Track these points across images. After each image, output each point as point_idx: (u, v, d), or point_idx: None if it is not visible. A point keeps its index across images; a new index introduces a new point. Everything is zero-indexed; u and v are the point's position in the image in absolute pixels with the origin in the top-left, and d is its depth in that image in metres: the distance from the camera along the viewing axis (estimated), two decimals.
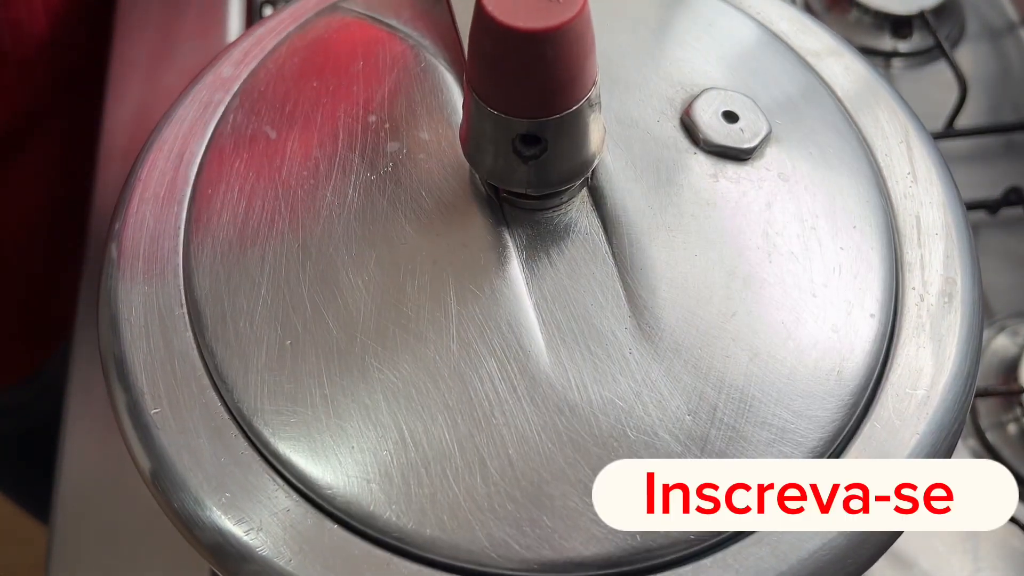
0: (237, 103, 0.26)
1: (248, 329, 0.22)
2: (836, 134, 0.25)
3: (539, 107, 0.19)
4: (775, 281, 0.22)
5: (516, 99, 0.19)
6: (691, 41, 0.26)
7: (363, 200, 0.23)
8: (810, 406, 0.20)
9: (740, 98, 0.24)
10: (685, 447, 0.20)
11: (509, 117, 0.19)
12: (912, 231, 0.24)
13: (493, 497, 0.19)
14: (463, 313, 0.21)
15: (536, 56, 0.18)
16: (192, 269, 0.23)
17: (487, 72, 0.19)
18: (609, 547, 0.19)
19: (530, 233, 0.22)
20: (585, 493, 0.19)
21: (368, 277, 0.22)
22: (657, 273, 0.22)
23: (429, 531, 0.19)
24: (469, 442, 0.20)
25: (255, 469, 0.21)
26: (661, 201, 0.23)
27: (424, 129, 0.24)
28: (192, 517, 0.21)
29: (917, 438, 0.21)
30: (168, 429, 0.21)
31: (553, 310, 0.21)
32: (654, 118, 0.24)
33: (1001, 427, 0.41)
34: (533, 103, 0.19)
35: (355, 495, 0.20)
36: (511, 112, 0.19)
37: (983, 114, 0.50)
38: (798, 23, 0.28)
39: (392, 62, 0.26)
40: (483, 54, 0.18)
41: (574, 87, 0.19)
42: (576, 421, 0.20)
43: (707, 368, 0.21)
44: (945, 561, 0.36)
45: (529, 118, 0.19)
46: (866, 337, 0.22)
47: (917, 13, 0.52)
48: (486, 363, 0.21)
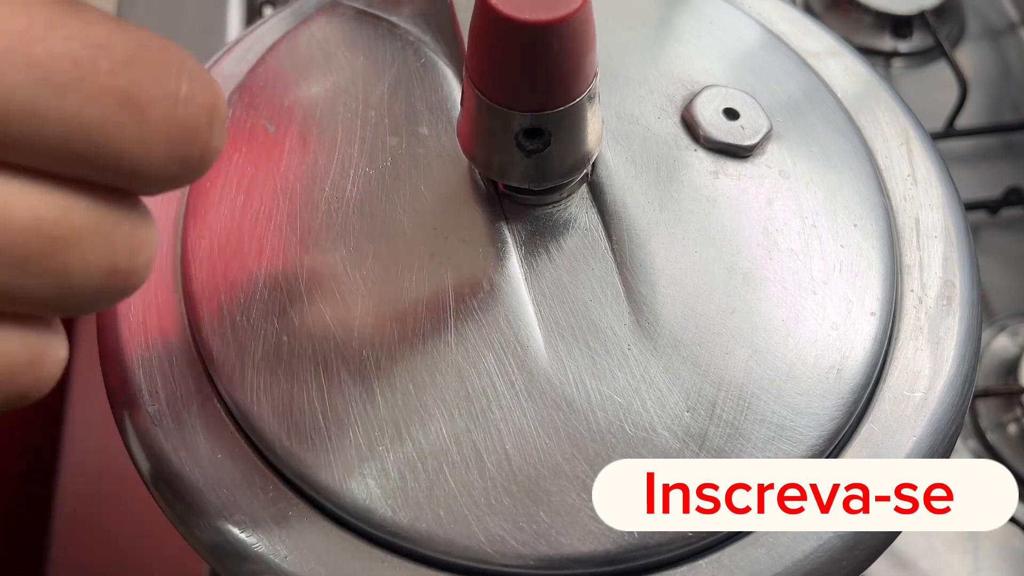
0: (236, 98, 0.25)
1: (245, 324, 0.21)
2: (837, 133, 0.25)
3: (542, 100, 0.19)
4: (775, 278, 0.22)
5: (519, 92, 0.19)
6: (692, 39, 0.26)
7: (361, 194, 0.23)
8: (809, 403, 0.20)
9: (741, 95, 0.24)
10: (683, 444, 0.20)
11: (511, 111, 0.19)
12: (911, 233, 0.24)
13: (490, 492, 0.19)
14: (461, 308, 0.21)
15: (540, 48, 0.17)
16: (190, 263, 0.23)
17: (489, 65, 0.19)
18: (606, 544, 0.19)
19: (529, 228, 0.22)
20: (583, 489, 0.19)
21: (366, 271, 0.22)
22: (656, 269, 0.22)
23: (425, 527, 0.19)
24: (466, 437, 0.20)
25: (252, 465, 0.21)
26: (661, 197, 0.23)
27: (423, 124, 0.24)
28: (189, 515, 0.21)
29: (914, 440, 0.21)
30: (165, 426, 0.21)
31: (552, 306, 0.21)
32: (655, 115, 0.24)
33: (1001, 427, 0.41)
34: (536, 96, 0.19)
35: (351, 491, 0.20)
36: (513, 106, 0.19)
37: (983, 114, 0.50)
38: (798, 23, 0.28)
39: (392, 58, 0.26)
40: (486, 47, 0.18)
41: (577, 79, 0.19)
42: (574, 417, 0.20)
43: (706, 365, 0.21)
44: (945, 561, 0.36)
45: (532, 111, 0.19)
46: (866, 335, 0.21)
47: (917, 13, 0.52)
48: (484, 358, 0.21)
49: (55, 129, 0.13)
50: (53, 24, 0.12)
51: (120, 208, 0.14)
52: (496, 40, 0.18)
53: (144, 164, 0.13)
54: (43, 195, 0.13)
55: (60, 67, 0.12)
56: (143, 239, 0.15)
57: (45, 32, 0.12)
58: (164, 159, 0.14)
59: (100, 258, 0.14)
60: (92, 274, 0.14)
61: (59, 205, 0.13)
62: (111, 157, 0.13)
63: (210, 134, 0.14)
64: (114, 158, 0.13)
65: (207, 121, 0.14)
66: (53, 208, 0.13)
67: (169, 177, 0.14)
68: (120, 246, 0.14)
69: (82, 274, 0.14)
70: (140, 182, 0.14)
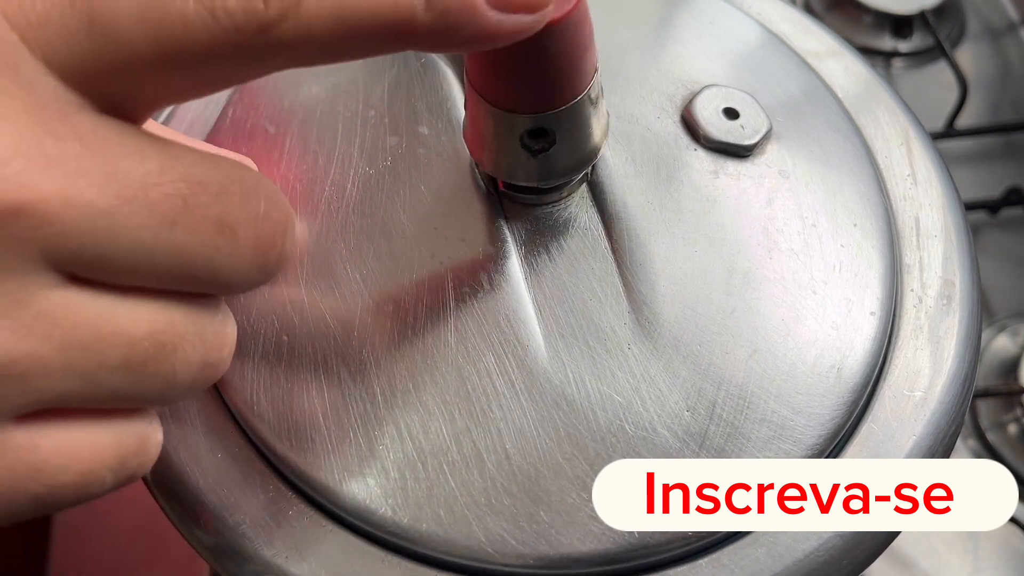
0: (236, 98, 0.25)
1: (245, 323, 0.21)
2: (837, 133, 0.25)
3: (543, 101, 0.19)
4: (775, 278, 0.22)
5: (519, 95, 0.19)
6: (692, 38, 0.26)
7: (361, 194, 0.23)
8: (809, 403, 0.20)
9: (741, 95, 0.24)
10: (683, 443, 0.20)
11: (514, 113, 0.19)
12: (911, 233, 0.24)
13: (490, 492, 0.19)
14: (461, 307, 0.21)
15: (537, 50, 0.17)
16: None
17: (489, 70, 0.19)
18: (606, 543, 0.19)
19: (529, 228, 0.22)
20: (582, 489, 0.19)
21: (366, 271, 0.22)
22: (656, 269, 0.22)
23: (425, 526, 0.19)
24: (466, 437, 0.20)
25: (252, 465, 0.21)
26: (661, 197, 0.23)
27: (423, 124, 0.24)
28: (190, 514, 0.21)
29: (914, 439, 0.21)
30: (165, 426, 0.21)
31: (552, 305, 0.21)
32: (654, 114, 0.24)
33: (1001, 427, 0.41)
34: (537, 98, 0.19)
35: (351, 490, 0.20)
36: (515, 108, 0.19)
37: (983, 114, 0.50)
38: (799, 23, 0.28)
39: (392, 58, 0.26)
40: (483, 52, 0.18)
41: (576, 78, 0.19)
42: (574, 416, 0.20)
43: (706, 364, 0.21)
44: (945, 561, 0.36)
45: (534, 112, 0.19)
46: (866, 335, 0.21)
47: (917, 13, 0.52)
48: (484, 357, 0.21)
49: (167, 256, 0.15)
50: (164, 170, 0.14)
51: (210, 310, 0.17)
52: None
53: (234, 275, 0.16)
54: (152, 309, 0.15)
55: (172, 206, 0.14)
56: (228, 334, 0.17)
57: (159, 178, 0.14)
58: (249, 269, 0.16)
59: (197, 356, 0.16)
60: (191, 371, 0.16)
61: (165, 316, 0.15)
62: (209, 273, 0.15)
63: (284, 243, 0.16)
64: (211, 273, 0.15)
65: (282, 232, 0.16)
66: (161, 320, 0.15)
67: (251, 282, 0.16)
68: (212, 343, 0.16)
69: (184, 373, 0.16)
70: (228, 289, 0.16)
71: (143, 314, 0.15)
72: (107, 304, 0.15)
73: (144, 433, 0.17)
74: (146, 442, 0.17)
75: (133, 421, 0.17)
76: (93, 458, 0.16)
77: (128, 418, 0.16)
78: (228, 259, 0.15)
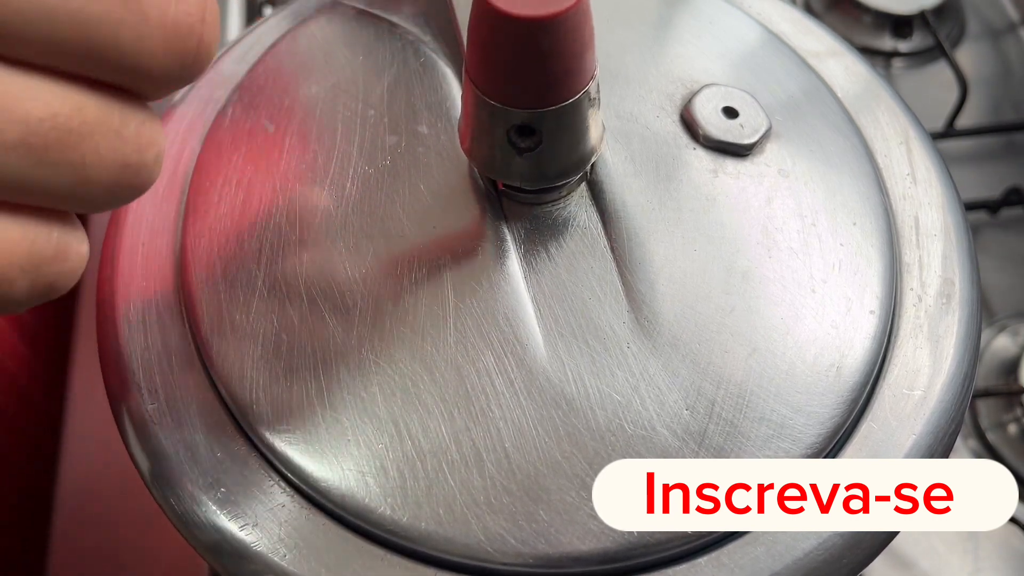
0: (236, 97, 0.25)
1: (244, 322, 0.21)
2: (836, 132, 0.25)
3: (535, 98, 0.19)
4: (774, 277, 0.22)
5: (512, 89, 0.19)
6: (691, 38, 0.26)
7: (361, 194, 0.23)
8: (809, 402, 0.20)
9: (740, 94, 0.24)
10: (683, 442, 0.20)
11: (506, 107, 0.19)
12: (911, 232, 0.24)
13: (489, 491, 0.19)
14: (460, 306, 0.21)
15: (532, 45, 0.17)
16: (189, 262, 0.23)
17: (485, 61, 0.19)
18: (605, 542, 0.19)
19: (529, 227, 0.22)
20: (582, 487, 0.19)
21: (365, 270, 0.22)
22: (656, 268, 0.22)
23: (424, 525, 0.19)
24: (465, 436, 0.20)
25: (251, 464, 0.21)
26: (660, 196, 0.23)
27: (423, 123, 0.24)
28: (189, 513, 0.21)
29: (914, 439, 0.21)
30: (164, 424, 0.21)
31: (551, 304, 0.21)
32: (654, 113, 0.24)
33: (1001, 427, 0.41)
34: (529, 93, 0.19)
35: (350, 489, 0.20)
36: (508, 102, 0.19)
37: (983, 114, 0.50)
38: (799, 23, 0.28)
39: (392, 57, 0.26)
40: (481, 43, 0.18)
41: (571, 79, 0.19)
42: (573, 415, 0.20)
43: (705, 363, 0.21)
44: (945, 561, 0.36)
45: (525, 108, 0.19)
46: (866, 334, 0.21)
47: (917, 13, 0.52)
48: (483, 356, 0.21)
49: (62, 24, 0.14)
50: None
51: (128, 107, 0.16)
52: (490, 35, 0.18)
53: (144, 59, 0.15)
54: (56, 92, 0.14)
55: None
56: (151, 136, 0.16)
57: None
58: (162, 53, 0.15)
59: (112, 151, 0.15)
60: (106, 167, 0.15)
61: (72, 101, 0.15)
62: (113, 51, 0.14)
63: (203, 29, 0.15)
64: (116, 52, 0.14)
65: (199, 17, 0.15)
66: (66, 103, 0.14)
67: (168, 74, 0.15)
68: (130, 141, 0.15)
69: (97, 166, 0.15)
70: (143, 79, 0.15)
71: (45, 94, 0.14)
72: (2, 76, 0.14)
73: (63, 240, 0.16)
74: (65, 249, 0.16)
75: (51, 224, 0.16)
76: (1, 254, 0.15)
77: (44, 219, 0.16)
78: (135, 37, 0.14)
